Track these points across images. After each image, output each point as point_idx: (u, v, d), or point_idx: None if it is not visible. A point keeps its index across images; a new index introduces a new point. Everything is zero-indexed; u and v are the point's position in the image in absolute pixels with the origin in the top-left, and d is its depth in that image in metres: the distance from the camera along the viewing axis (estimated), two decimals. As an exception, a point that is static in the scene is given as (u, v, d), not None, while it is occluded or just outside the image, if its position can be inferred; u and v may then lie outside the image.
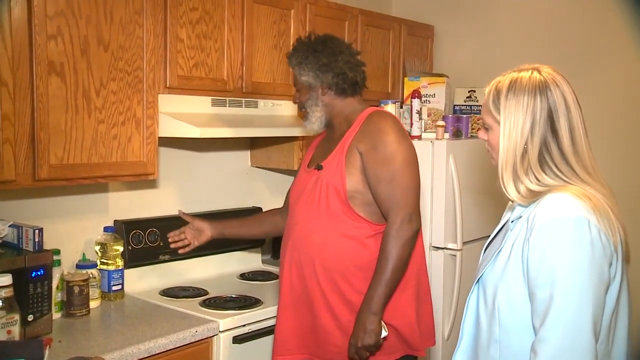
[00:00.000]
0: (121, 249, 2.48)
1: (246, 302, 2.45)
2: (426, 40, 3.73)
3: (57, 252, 2.22)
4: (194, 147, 2.86)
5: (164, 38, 2.31)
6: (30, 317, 1.98)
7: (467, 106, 3.53)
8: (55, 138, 2.01)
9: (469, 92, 3.53)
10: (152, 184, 2.69)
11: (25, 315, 1.94)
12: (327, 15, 2.99)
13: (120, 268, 2.46)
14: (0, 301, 1.79)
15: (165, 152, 2.69)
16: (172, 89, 2.35)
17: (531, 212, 1.39)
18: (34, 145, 1.96)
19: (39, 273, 2.01)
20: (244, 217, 2.59)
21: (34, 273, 2.00)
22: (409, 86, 3.31)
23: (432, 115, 3.24)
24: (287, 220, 2.20)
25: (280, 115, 2.80)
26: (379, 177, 2.00)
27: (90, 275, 2.32)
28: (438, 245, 2.99)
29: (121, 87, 2.19)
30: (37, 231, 2.04)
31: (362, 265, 2.02)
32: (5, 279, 1.81)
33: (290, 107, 2.81)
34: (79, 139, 2.08)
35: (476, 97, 3.50)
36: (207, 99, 2.50)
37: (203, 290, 2.61)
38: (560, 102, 1.41)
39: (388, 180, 1.99)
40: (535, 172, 1.41)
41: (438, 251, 3.00)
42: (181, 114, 2.38)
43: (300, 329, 2.11)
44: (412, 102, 3.11)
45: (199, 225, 2.40)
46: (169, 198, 2.78)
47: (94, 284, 2.34)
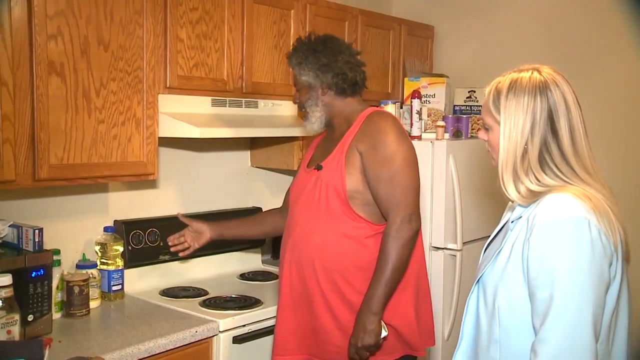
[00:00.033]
0: (121, 249, 2.48)
1: (246, 302, 2.45)
2: (426, 41, 3.73)
3: (57, 252, 2.22)
4: (194, 147, 2.86)
5: (164, 38, 2.31)
6: (30, 317, 1.98)
7: (467, 106, 3.52)
8: (55, 138, 2.01)
9: (469, 92, 3.53)
10: (152, 184, 2.69)
11: (25, 315, 1.94)
12: (327, 16, 2.99)
13: (120, 268, 2.46)
14: (0, 301, 1.79)
15: (165, 152, 2.69)
16: (172, 89, 2.35)
17: (531, 213, 1.39)
18: (34, 145, 1.96)
19: (39, 273, 2.01)
20: (243, 217, 2.58)
21: (34, 273, 2.00)
22: (409, 86, 3.31)
23: (432, 115, 3.24)
24: (287, 220, 2.20)
25: (280, 116, 2.80)
26: (378, 177, 2.00)
27: (90, 275, 2.32)
28: (438, 245, 2.99)
29: (121, 87, 2.19)
30: (37, 231, 2.04)
31: (362, 265, 2.02)
32: (5, 279, 1.81)
33: (290, 107, 2.81)
34: (79, 139, 2.08)
35: (476, 98, 3.50)
36: (207, 99, 2.50)
37: (203, 290, 2.61)
38: (560, 102, 1.41)
39: (388, 180, 1.99)
40: (535, 173, 1.41)
41: (438, 251, 3.00)
42: (181, 114, 2.38)
43: (300, 329, 2.11)
44: (412, 102, 3.11)
45: (198, 227, 2.40)
46: (169, 198, 2.78)
47: (94, 284, 2.34)
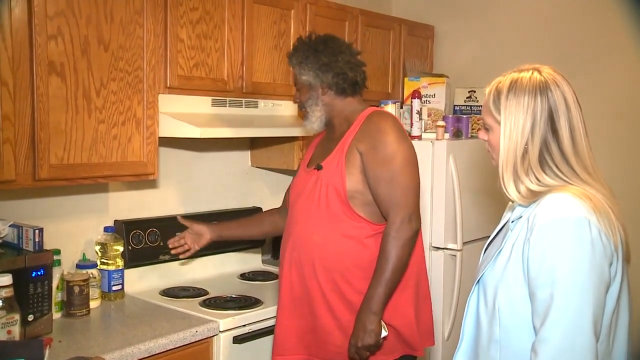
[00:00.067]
0: (121, 249, 2.48)
1: (246, 302, 2.45)
2: (426, 41, 3.73)
3: (57, 252, 2.22)
4: (194, 147, 2.86)
5: (164, 38, 2.31)
6: (30, 317, 1.98)
7: (467, 106, 3.52)
8: (56, 138, 2.01)
9: (469, 92, 3.53)
10: (152, 184, 2.69)
11: (25, 315, 1.94)
12: (327, 16, 2.99)
13: (120, 268, 2.46)
14: (1, 301, 1.80)
15: (165, 152, 2.69)
16: (172, 89, 2.35)
17: (531, 212, 1.39)
18: (34, 145, 1.96)
19: (39, 273, 2.01)
20: (243, 218, 2.58)
21: (34, 273, 2.00)
22: (409, 86, 3.31)
23: (432, 115, 3.24)
24: (287, 220, 2.20)
25: (281, 116, 2.80)
26: (378, 177, 2.00)
27: (91, 275, 2.32)
28: (438, 245, 2.99)
29: (121, 87, 2.19)
30: (37, 231, 2.04)
31: (362, 265, 2.02)
32: (6, 279, 1.81)
33: (291, 107, 2.81)
34: (79, 139, 2.08)
35: (476, 98, 3.50)
36: (208, 99, 2.50)
37: (203, 290, 2.60)
38: (560, 102, 1.41)
39: (388, 180, 1.99)
40: (535, 172, 1.41)
41: (438, 251, 3.00)
42: (181, 114, 2.38)
43: (300, 329, 2.11)
44: (412, 102, 3.11)
45: (198, 229, 2.40)
46: (169, 198, 2.78)
47: (94, 284, 2.34)
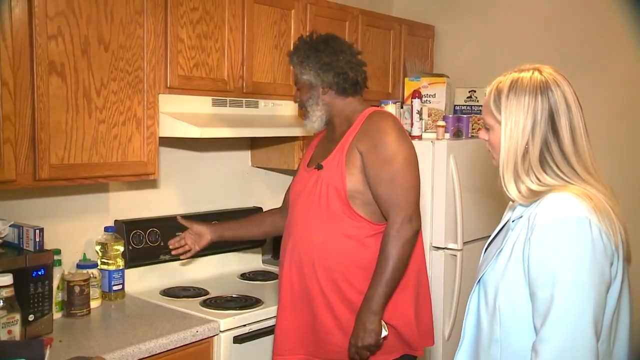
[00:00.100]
0: (122, 248, 2.48)
1: (247, 302, 2.45)
2: (427, 41, 3.73)
3: (58, 252, 2.22)
4: (195, 147, 2.86)
5: (165, 38, 2.31)
6: (31, 317, 1.98)
7: (468, 106, 3.52)
8: (56, 138, 2.01)
9: (469, 92, 3.53)
10: (152, 184, 2.69)
11: (26, 315, 1.94)
12: (328, 16, 2.99)
13: (120, 268, 2.46)
14: (1, 301, 1.80)
15: (165, 152, 2.69)
16: (172, 89, 2.35)
17: (532, 212, 1.39)
18: (35, 145, 1.96)
19: (40, 273, 2.01)
20: (243, 218, 2.58)
21: (35, 273, 2.00)
22: (409, 86, 3.31)
23: (432, 115, 3.24)
24: (287, 220, 2.20)
25: (281, 115, 2.80)
26: (379, 177, 2.00)
27: (91, 275, 2.32)
28: (438, 245, 2.99)
29: (122, 87, 2.19)
30: (37, 231, 2.04)
31: (362, 264, 2.02)
32: (6, 279, 1.81)
33: (291, 107, 2.81)
34: (80, 138, 2.08)
35: (477, 97, 3.50)
36: (208, 99, 2.50)
37: (203, 290, 2.60)
38: (561, 102, 1.41)
39: (388, 180, 2.00)
40: (536, 172, 1.41)
41: (438, 251, 3.00)
42: (182, 114, 2.38)
43: (301, 329, 2.11)
44: (412, 102, 3.11)
45: (198, 229, 2.41)
46: (169, 198, 2.78)
47: (95, 284, 2.34)
